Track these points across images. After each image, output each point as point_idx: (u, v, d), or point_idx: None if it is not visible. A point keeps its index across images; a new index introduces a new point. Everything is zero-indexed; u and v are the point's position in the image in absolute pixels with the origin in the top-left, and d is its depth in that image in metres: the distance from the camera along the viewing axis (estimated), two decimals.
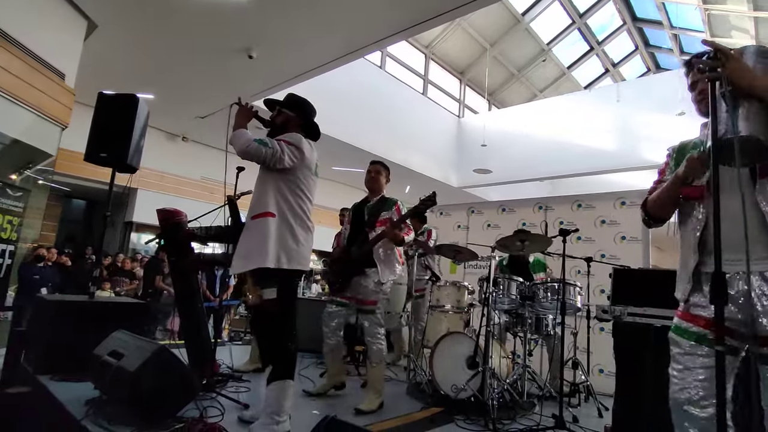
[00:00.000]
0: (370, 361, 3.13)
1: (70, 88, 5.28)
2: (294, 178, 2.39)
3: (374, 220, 3.18)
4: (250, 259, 2.24)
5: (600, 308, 2.76)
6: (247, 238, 2.31)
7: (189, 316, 3.31)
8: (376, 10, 5.26)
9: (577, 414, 3.18)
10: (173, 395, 2.36)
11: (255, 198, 2.39)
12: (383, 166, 3.41)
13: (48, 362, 2.96)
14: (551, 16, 12.40)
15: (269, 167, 2.34)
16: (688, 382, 1.46)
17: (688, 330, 1.49)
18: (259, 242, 2.24)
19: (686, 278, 1.53)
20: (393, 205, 3.23)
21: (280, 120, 2.57)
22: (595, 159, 10.21)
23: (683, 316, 1.54)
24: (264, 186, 2.37)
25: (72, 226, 11.16)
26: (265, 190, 2.35)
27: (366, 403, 2.99)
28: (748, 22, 10.18)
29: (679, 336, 1.52)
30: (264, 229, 2.26)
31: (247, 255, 2.26)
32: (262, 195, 2.34)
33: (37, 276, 6.45)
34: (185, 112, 8.77)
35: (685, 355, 1.48)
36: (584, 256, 4.05)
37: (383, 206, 3.24)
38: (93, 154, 3.41)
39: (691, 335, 1.48)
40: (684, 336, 1.50)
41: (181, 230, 3.26)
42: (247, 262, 2.26)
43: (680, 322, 1.54)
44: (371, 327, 3.09)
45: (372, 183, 3.34)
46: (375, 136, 10.22)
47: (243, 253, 2.28)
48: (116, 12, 5.48)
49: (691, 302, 1.52)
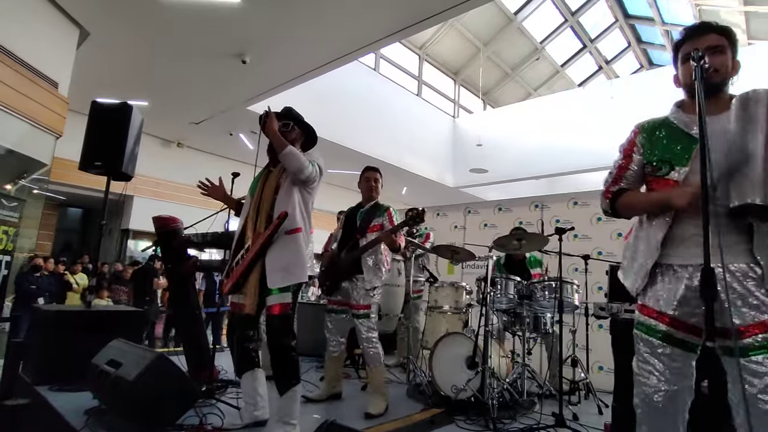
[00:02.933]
0: (369, 366, 3.14)
1: (63, 97, 5.27)
2: (312, 192, 2.50)
3: (366, 227, 3.22)
4: (291, 273, 2.32)
5: (597, 306, 2.78)
6: (283, 252, 2.34)
7: (187, 322, 3.31)
8: (370, 12, 5.26)
9: (577, 412, 3.19)
10: (172, 403, 2.35)
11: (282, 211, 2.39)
12: (379, 173, 3.44)
13: (46, 373, 2.96)
14: (543, 14, 12.44)
15: (303, 184, 2.43)
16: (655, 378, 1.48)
17: (655, 328, 1.50)
18: (296, 257, 2.34)
19: (643, 272, 1.54)
20: (385, 212, 3.27)
21: (293, 136, 2.57)
22: (590, 156, 10.22)
23: (646, 312, 1.54)
24: (290, 199, 2.40)
25: (68, 235, 11.14)
26: (293, 204, 2.39)
27: (374, 407, 3.00)
28: (738, 17, 10.25)
29: (645, 333, 1.53)
30: (298, 243, 2.37)
31: (287, 269, 2.32)
32: (291, 210, 2.38)
33: (34, 286, 6.43)
34: (179, 119, 8.77)
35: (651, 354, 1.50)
36: (581, 253, 4.06)
37: (375, 213, 3.27)
38: (87, 162, 3.40)
39: (655, 333, 1.50)
40: (650, 334, 1.52)
41: (177, 237, 3.26)
42: (289, 275, 2.32)
43: (645, 319, 1.54)
44: (366, 332, 3.08)
45: (370, 191, 3.36)
46: (370, 138, 10.24)
47: (282, 267, 2.32)
48: (108, 19, 5.47)
49: (649, 295, 1.54)
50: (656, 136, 1.60)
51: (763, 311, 1.33)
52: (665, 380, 1.46)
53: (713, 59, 1.45)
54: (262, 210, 2.42)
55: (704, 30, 1.52)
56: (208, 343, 3.37)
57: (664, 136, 1.59)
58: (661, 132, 1.60)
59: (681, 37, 1.58)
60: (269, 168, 2.59)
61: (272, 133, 2.38)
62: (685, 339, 1.46)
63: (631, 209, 1.65)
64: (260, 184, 2.52)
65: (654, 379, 1.48)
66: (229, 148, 10.13)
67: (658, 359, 1.48)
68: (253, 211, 2.46)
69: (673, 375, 1.46)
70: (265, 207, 2.41)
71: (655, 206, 1.55)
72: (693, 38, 1.53)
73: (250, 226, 2.44)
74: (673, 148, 1.55)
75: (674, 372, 1.46)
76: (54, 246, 9.92)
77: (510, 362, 3.60)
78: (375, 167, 3.47)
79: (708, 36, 1.50)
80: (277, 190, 2.43)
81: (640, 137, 1.64)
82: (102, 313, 3.48)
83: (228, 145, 10.05)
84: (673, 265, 1.49)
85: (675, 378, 1.46)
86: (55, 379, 2.92)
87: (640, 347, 1.55)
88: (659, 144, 1.59)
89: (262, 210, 2.42)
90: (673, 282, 1.48)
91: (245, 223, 2.49)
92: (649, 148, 1.60)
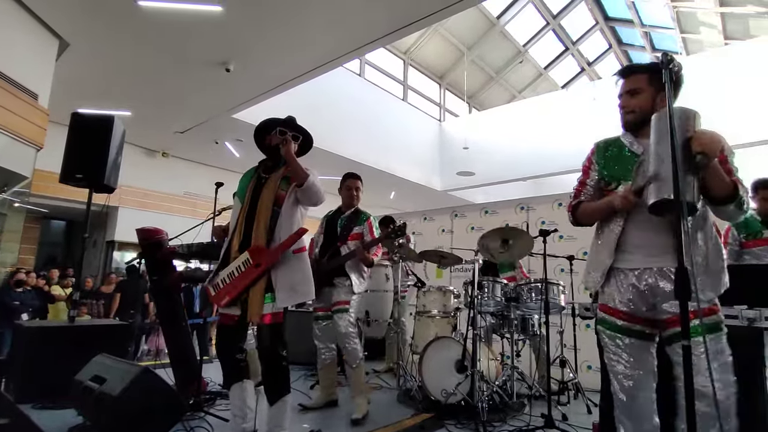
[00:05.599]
0: (349, 364, 3.13)
1: (43, 109, 5.20)
2: (306, 211, 2.51)
3: (347, 234, 3.26)
4: (298, 291, 2.33)
5: (582, 306, 2.80)
6: (291, 270, 2.32)
7: (173, 334, 3.27)
8: (354, 18, 5.28)
9: (566, 412, 3.21)
10: (159, 417, 2.32)
11: (288, 232, 2.35)
12: (361, 180, 3.47)
13: (29, 390, 2.91)
14: (526, 18, 12.59)
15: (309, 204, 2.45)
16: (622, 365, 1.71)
17: (614, 323, 1.75)
18: (302, 275, 2.35)
19: (601, 272, 1.77)
20: (365, 221, 3.31)
21: (297, 150, 2.52)
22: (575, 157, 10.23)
23: (604, 309, 1.79)
24: (295, 219, 2.40)
25: (52, 248, 10.94)
26: (297, 222, 2.41)
27: (358, 410, 3.01)
28: (715, 18, 10.48)
29: (608, 329, 1.77)
30: (304, 262, 2.38)
31: (294, 288, 2.32)
32: (296, 228, 2.38)
33: (17, 301, 6.30)
34: (164, 128, 8.70)
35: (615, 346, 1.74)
36: (566, 254, 4.10)
37: (356, 220, 3.32)
38: (68, 175, 3.37)
39: (615, 327, 1.75)
40: (611, 328, 1.76)
41: (161, 249, 3.22)
42: (297, 295, 2.33)
43: (605, 317, 1.79)
44: (344, 327, 3.08)
45: (351, 199, 3.39)
46: (357, 143, 10.25)
47: (290, 287, 2.30)
48: (88, 30, 5.42)
49: (605, 293, 1.79)
50: (607, 154, 1.84)
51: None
52: (630, 366, 1.69)
53: (628, 101, 1.77)
54: (259, 221, 2.33)
55: (626, 73, 1.81)
56: (196, 355, 3.34)
57: (613, 155, 1.83)
58: (612, 151, 1.84)
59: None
60: (261, 173, 2.50)
61: (292, 160, 2.35)
62: (642, 330, 1.71)
63: (587, 217, 1.89)
64: (251, 190, 2.43)
65: (621, 366, 1.71)
66: (215, 156, 10.06)
67: (622, 350, 1.72)
68: (243, 219, 2.37)
69: (636, 361, 1.69)
70: (264, 219, 2.33)
71: (602, 211, 1.79)
72: (622, 79, 1.82)
73: (237, 235, 2.37)
74: (621, 166, 1.78)
75: (636, 358, 1.69)
76: (37, 260, 9.73)
77: (499, 365, 3.61)
78: (356, 174, 3.48)
79: (629, 78, 1.79)
80: (277, 202, 2.36)
81: (596, 155, 1.89)
82: (85, 327, 3.43)
83: (214, 154, 9.99)
84: (623, 268, 1.74)
85: (638, 364, 1.69)
86: (38, 396, 2.87)
87: (605, 340, 1.79)
88: (610, 161, 1.83)
89: (259, 221, 2.33)
90: (623, 283, 1.73)
91: (235, 229, 2.40)
92: (602, 165, 1.84)
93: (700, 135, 1.43)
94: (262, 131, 2.54)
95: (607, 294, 1.78)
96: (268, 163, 2.52)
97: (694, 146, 1.41)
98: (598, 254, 1.82)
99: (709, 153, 1.40)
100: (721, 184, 1.52)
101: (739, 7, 9.75)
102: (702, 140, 1.41)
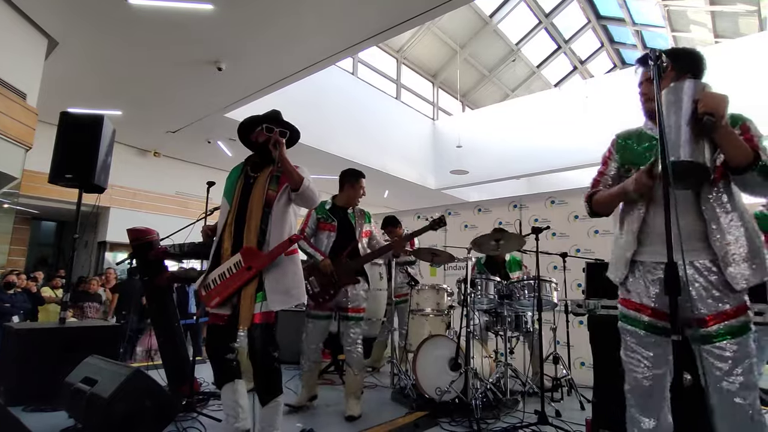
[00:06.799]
0: (353, 370, 3.13)
1: (32, 108, 5.14)
2: (299, 210, 2.49)
3: (360, 232, 3.29)
4: (291, 295, 2.32)
5: (574, 303, 2.82)
6: (284, 274, 2.30)
7: (165, 335, 3.24)
8: (347, 16, 5.26)
9: (559, 408, 3.23)
10: (150, 418, 2.31)
11: (280, 234, 2.32)
12: None
13: (20, 393, 2.87)
14: (518, 16, 12.63)
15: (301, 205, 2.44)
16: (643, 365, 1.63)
17: (638, 319, 1.65)
18: (294, 279, 2.34)
19: (624, 264, 1.70)
20: (370, 219, 3.41)
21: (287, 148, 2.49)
22: (567, 155, 10.39)
23: (628, 305, 1.70)
24: (287, 221, 2.38)
25: (42, 249, 10.83)
26: (290, 225, 2.39)
27: (355, 409, 3.05)
28: (705, 16, 10.57)
29: (631, 325, 1.68)
30: (296, 265, 2.37)
31: (287, 291, 2.30)
32: (288, 230, 2.37)
33: (8, 304, 6.22)
34: (155, 127, 8.63)
35: (638, 344, 1.65)
36: (559, 251, 4.12)
37: (363, 218, 3.37)
38: (58, 175, 3.32)
39: (639, 324, 1.65)
40: (635, 325, 1.66)
41: (152, 249, 3.20)
42: (290, 298, 2.31)
43: (627, 311, 1.70)
44: (355, 335, 3.11)
45: (356, 198, 3.38)
46: (351, 142, 10.23)
47: (283, 290, 2.29)
48: (77, 28, 5.36)
49: (628, 287, 1.70)
50: (628, 143, 1.80)
51: (724, 302, 1.50)
52: (652, 365, 1.61)
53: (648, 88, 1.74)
54: (250, 222, 2.30)
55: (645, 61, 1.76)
56: (188, 355, 3.32)
57: (634, 142, 1.78)
58: (632, 139, 1.80)
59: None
60: (249, 171, 2.46)
61: (286, 162, 2.30)
62: (666, 327, 1.58)
63: (603, 205, 1.82)
64: (240, 190, 2.40)
65: (642, 366, 1.63)
66: (207, 155, 10.00)
67: (645, 348, 1.63)
68: (233, 220, 2.35)
69: (657, 360, 1.61)
70: (255, 220, 2.30)
71: (617, 197, 1.73)
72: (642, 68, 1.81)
73: (227, 236, 2.35)
74: (640, 151, 1.74)
75: (658, 357, 1.61)
76: (28, 261, 9.63)
77: (493, 362, 3.62)
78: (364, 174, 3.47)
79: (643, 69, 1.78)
80: (267, 203, 2.33)
81: (616, 145, 1.84)
82: (76, 329, 3.39)
83: (206, 153, 9.92)
84: (646, 261, 1.65)
85: (659, 362, 1.61)
86: (29, 399, 2.84)
87: (626, 338, 1.69)
88: (629, 149, 1.78)
89: (250, 222, 2.30)
90: (648, 276, 1.64)
91: (224, 230, 2.37)
92: (622, 153, 1.80)
93: (705, 96, 1.42)
94: (247, 127, 2.48)
95: (630, 288, 1.69)
96: (256, 159, 2.48)
97: (699, 108, 1.40)
98: (619, 247, 1.74)
99: (715, 113, 1.37)
100: (737, 150, 1.46)
101: (729, 5, 9.84)
102: (706, 101, 1.40)
